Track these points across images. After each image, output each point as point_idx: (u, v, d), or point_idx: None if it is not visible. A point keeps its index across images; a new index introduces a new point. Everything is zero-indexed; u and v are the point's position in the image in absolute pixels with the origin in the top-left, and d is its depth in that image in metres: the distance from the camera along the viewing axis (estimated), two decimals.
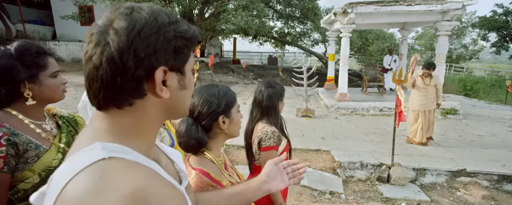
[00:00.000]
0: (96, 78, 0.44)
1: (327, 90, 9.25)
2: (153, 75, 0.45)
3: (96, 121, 0.47)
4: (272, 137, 1.50)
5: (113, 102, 0.45)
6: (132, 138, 0.47)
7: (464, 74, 20.48)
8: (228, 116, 0.97)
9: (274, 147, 1.51)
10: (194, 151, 0.96)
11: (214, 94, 0.96)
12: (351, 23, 6.87)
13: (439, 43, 6.83)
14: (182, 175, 0.63)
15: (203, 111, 0.93)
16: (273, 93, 1.56)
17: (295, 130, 5.23)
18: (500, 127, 6.12)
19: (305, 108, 6.35)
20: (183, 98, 0.53)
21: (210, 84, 1.02)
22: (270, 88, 1.57)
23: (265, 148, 1.51)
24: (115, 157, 0.42)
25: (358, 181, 3.75)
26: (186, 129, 0.91)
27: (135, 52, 0.43)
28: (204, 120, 0.93)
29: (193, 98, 0.96)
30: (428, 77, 4.51)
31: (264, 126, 1.54)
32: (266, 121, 1.57)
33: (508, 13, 19.03)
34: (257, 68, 18.00)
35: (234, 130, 1.01)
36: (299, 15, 16.88)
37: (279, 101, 1.60)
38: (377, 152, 4.25)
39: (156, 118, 0.50)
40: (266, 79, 1.67)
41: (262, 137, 1.51)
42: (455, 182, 3.75)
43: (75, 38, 13.20)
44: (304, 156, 4.11)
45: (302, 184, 3.52)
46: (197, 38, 0.51)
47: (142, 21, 0.44)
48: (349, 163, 3.87)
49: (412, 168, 3.80)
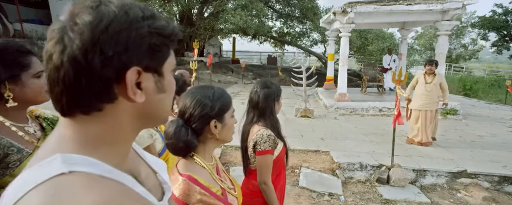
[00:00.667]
0: (57, 80, 0.38)
1: (327, 90, 9.20)
2: (124, 76, 0.40)
3: (61, 128, 0.42)
4: (267, 141, 1.45)
5: (78, 107, 0.40)
6: (102, 148, 0.42)
7: (463, 74, 20.46)
8: (221, 121, 0.92)
9: (270, 151, 1.46)
10: (183, 155, 0.91)
11: (208, 96, 0.91)
12: (351, 22, 6.82)
13: (439, 43, 6.79)
14: (165, 187, 0.58)
15: (195, 113, 0.88)
16: (269, 94, 1.51)
17: (294, 131, 5.18)
18: (500, 127, 6.08)
19: (304, 108, 6.30)
20: (162, 103, 0.47)
21: (205, 85, 0.97)
22: (266, 88, 1.52)
23: (261, 152, 1.46)
24: (76, 171, 0.37)
25: (357, 182, 3.70)
26: (175, 131, 0.86)
27: (102, 49, 0.37)
28: (195, 123, 0.88)
29: (186, 99, 0.91)
30: (431, 75, 4.42)
31: (259, 129, 1.49)
32: (262, 124, 1.52)
33: (507, 12, 19.00)
34: (256, 67, 17.95)
35: (226, 135, 0.96)
36: (299, 14, 16.83)
37: (276, 102, 1.55)
38: (377, 153, 4.20)
39: (131, 125, 0.45)
40: (261, 79, 1.62)
41: (257, 141, 1.46)
42: (455, 183, 3.70)
43: None
44: (303, 157, 4.06)
45: (300, 186, 3.47)
46: (176, 35, 0.46)
47: (111, 15, 0.39)
48: (348, 164, 3.82)
49: (412, 169, 3.75)
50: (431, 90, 4.41)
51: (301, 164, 3.86)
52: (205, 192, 0.83)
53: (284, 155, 1.58)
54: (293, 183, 3.54)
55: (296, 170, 3.78)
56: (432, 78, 4.41)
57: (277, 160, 1.53)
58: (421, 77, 4.47)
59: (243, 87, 11.62)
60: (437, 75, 4.44)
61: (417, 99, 4.48)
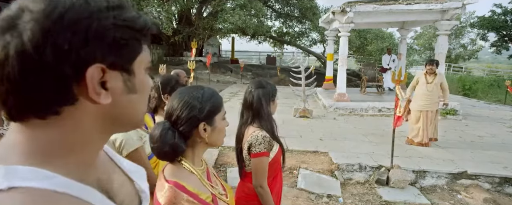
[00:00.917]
0: (2, 78, 0.33)
1: (326, 90, 9.16)
2: (84, 74, 0.34)
3: (11, 135, 0.36)
4: (262, 143, 1.40)
5: (30, 110, 0.34)
6: (59, 158, 0.36)
7: (462, 74, 20.45)
8: (211, 124, 0.87)
9: (265, 153, 1.41)
10: (169, 159, 0.85)
11: (197, 97, 0.85)
12: (350, 22, 6.77)
13: (439, 43, 6.74)
14: (143, 195, 0.52)
15: (182, 115, 0.82)
16: (263, 94, 1.45)
17: (292, 131, 5.13)
18: (500, 127, 6.04)
19: (303, 108, 6.25)
20: (133, 104, 0.41)
21: (194, 86, 0.92)
22: (261, 88, 1.46)
23: (256, 155, 1.40)
24: (19, 186, 0.31)
25: (356, 183, 3.65)
26: (161, 134, 0.80)
27: (55, 42, 0.32)
28: (183, 126, 0.82)
29: (173, 100, 0.85)
30: (432, 75, 4.37)
31: (254, 130, 1.44)
32: (257, 125, 1.46)
33: (507, 12, 19.01)
34: (255, 67, 17.91)
35: (217, 139, 0.91)
36: (298, 14, 16.79)
37: (271, 102, 1.49)
38: (376, 153, 4.15)
39: (96, 130, 0.39)
40: (256, 79, 1.56)
41: (252, 142, 1.41)
42: (456, 185, 3.65)
43: None
44: (301, 158, 4.00)
45: (299, 187, 3.42)
46: (149, 29, 0.40)
47: (67, 3, 0.33)
48: (347, 165, 3.77)
49: (411, 170, 3.70)
50: (432, 90, 4.37)
51: (300, 165, 3.81)
52: (193, 199, 0.78)
53: (280, 157, 1.53)
54: (291, 185, 3.49)
55: (294, 171, 3.73)
56: (433, 78, 4.36)
57: (273, 162, 1.48)
58: (421, 77, 4.41)
59: (241, 87, 11.56)
60: (438, 75, 4.39)
61: (418, 100, 4.43)
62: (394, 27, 9.08)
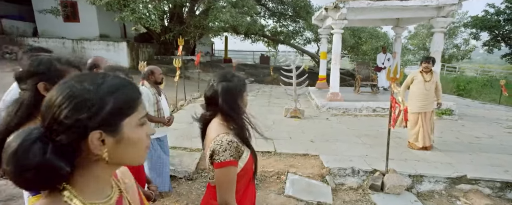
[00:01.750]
0: None
1: (319, 90, 8.91)
2: None
3: None
4: (228, 149, 1.11)
5: None
6: None
7: (456, 74, 20.47)
8: (114, 132, 0.55)
9: (232, 162, 1.12)
10: (39, 188, 0.53)
11: (89, 89, 0.53)
12: (343, 18, 6.53)
13: (434, 41, 6.53)
14: None
15: (61, 117, 0.51)
16: (229, 89, 1.16)
17: (282, 132, 4.85)
18: (497, 128, 5.86)
19: (294, 108, 5.97)
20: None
21: (93, 73, 0.60)
22: (226, 82, 1.17)
23: (220, 164, 1.11)
24: None
25: (349, 189, 3.38)
26: (18, 148, 0.49)
27: None
28: (61, 135, 0.51)
29: (51, 92, 0.54)
30: (429, 73, 4.12)
31: (218, 134, 1.15)
32: (223, 128, 1.17)
33: (499, 12, 19.02)
34: (248, 67, 17.62)
35: (127, 156, 0.59)
36: (292, 13, 16.54)
37: (239, 98, 1.20)
38: (370, 156, 3.89)
39: None
40: (221, 71, 1.26)
41: (215, 149, 1.12)
42: (454, 190, 3.41)
43: (58, 35, 12.58)
44: (290, 162, 3.72)
45: (286, 194, 3.13)
46: None
47: None
48: (339, 169, 3.50)
49: (408, 174, 3.45)
50: (430, 89, 4.13)
51: (288, 170, 3.53)
52: None
53: (252, 167, 1.23)
54: (278, 191, 3.20)
55: (282, 176, 3.44)
56: (430, 76, 4.12)
57: (243, 173, 1.19)
58: (418, 76, 4.15)
59: None
60: (434, 73, 4.16)
61: (415, 100, 4.17)
62: (389, 25, 8.87)
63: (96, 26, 12.86)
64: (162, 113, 2.77)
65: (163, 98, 2.86)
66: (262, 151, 3.93)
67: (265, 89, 10.75)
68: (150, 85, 2.77)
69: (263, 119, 5.79)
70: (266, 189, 3.24)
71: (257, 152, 3.95)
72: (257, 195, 3.10)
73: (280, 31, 17.70)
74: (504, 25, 19.01)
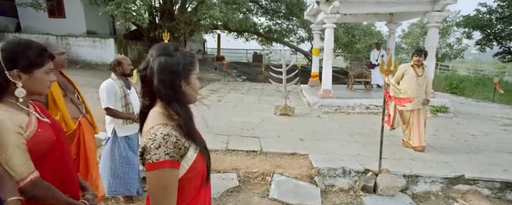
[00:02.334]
0: None
1: (311, 87, 8.68)
2: None
3: None
4: (162, 145, 0.81)
5: None
6: None
7: (449, 73, 20.51)
8: None
9: (168, 162, 0.82)
10: None
11: None
12: (335, 12, 6.28)
13: (429, 36, 6.35)
14: None
15: None
16: (169, 65, 0.87)
17: (270, 131, 4.58)
18: (493, 125, 5.69)
19: (284, 105, 5.71)
20: None
21: None
22: (165, 56, 0.88)
23: (152, 165, 0.81)
24: None
25: (339, 191, 3.13)
26: None
27: None
28: None
29: None
30: (421, 67, 3.88)
31: (153, 126, 0.86)
32: (162, 118, 0.88)
33: (491, 11, 19.05)
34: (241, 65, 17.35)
35: None
36: (285, 10, 16.31)
37: (183, 78, 0.91)
38: (362, 155, 3.65)
39: None
40: (160, 43, 0.96)
41: (146, 146, 0.83)
42: (452, 191, 3.19)
43: (42, 31, 12.09)
44: (277, 162, 3.46)
45: (271, 197, 2.87)
46: None
47: None
48: (329, 169, 3.25)
49: (402, 175, 3.22)
50: (423, 84, 3.88)
51: (274, 170, 3.26)
52: None
53: (203, 168, 0.94)
54: (263, 194, 2.93)
55: (268, 177, 3.17)
56: (422, 71, 3.88)
57: (189, 177, 0.89)
58: (410, 70, 3.89)
59: (224, 85, 10.97)
60: (425, 67, 3.93)
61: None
62: (383, 21, 8.67)
63: (83, 22, 12.38)
64: (131, 108, 2.48)
65: (133, 92, 2.57)
66: (247, 150, 3.66)
67: (257, 87, 10.48)
68: (117, 77, 2.47)
69: (252, 117, 5.52)
70: (249, 191, 2.97)
71: (241, 151, 3.71)
72: (238, 198, 2.83)
73: (274, 30, 17.46)
74: (496, 24, 19.07)
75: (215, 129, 4.49)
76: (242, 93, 8.72)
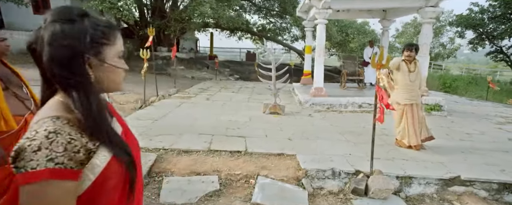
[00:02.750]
0: None
1: (303, 86, 8.48)
2: None
3: None
4: (43, 148, 0.56)
5: None
6: None
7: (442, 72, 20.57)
8: None
9: (47, 171, 0.56)
10: None
11: None
12: (327, 7, 6.08)
13: (423, 32, 6.18)
14: None
15: None
16: (67, 35, 0.62)
17: (258, 130, 4.35)
18: (487, 124, 5.55)
19: (273, 103, 5.49)
20: None
21: None
22: (63, 22, 0.63)
23: (24, 178, 0.56)
24: None
25: (328, 194, 2.91)
26: None
27: None
28: None
29: None
30: (413, 63, 3.69)
31: (38, 120, 0.62)
32: (57, 110, 0.63)
33: (483, 11, 19.12)
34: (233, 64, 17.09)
35: None
36: (278, 8, 16.11)
37: (92, 56, 0.65)
38: (354, 155, 3.45)
39: None
40: (61, 6, 0.71)
41: (21, 148, 0.57)
42: (447, 193, 3.00)
43: (26, 27, 11.67)
44: (262, 163, 3.22)
45: (254, 202, 2.64)
46: None
47: None
48: (318, 171, 3.03)
49: (395, 176, 3.02)
50: (415, 80, 3.70)
51: (259, 172, 3.03)
52: None
53: (123, 177, 0.68)
54: (245, 198, 2.70)
55: (251, 180, 2.94)
56: (414, 67, 3.69)
57: (97, 193, 0.65)
58: (402, 65, 3.70)
59: (215, 83, 10.71)
60: (417, 62, 3.74)
61: (400, 91, 3.74)
62: (376, 17, 8.51)
63: None
64: None
65: None
66: (230, 151, 3.42)
67: (248, 86, 10.24)
68: None
69: (240, 116, 5.28)
70: (230, 195, 2.73)
71: (225, 152, 3.45)
72: (218, 203, 2.60)
73: (267, 28, 17.25)
74: (488, 24, 19.14)
75: (198, 129, 4.24)
76: (233, 92, 8.47)
